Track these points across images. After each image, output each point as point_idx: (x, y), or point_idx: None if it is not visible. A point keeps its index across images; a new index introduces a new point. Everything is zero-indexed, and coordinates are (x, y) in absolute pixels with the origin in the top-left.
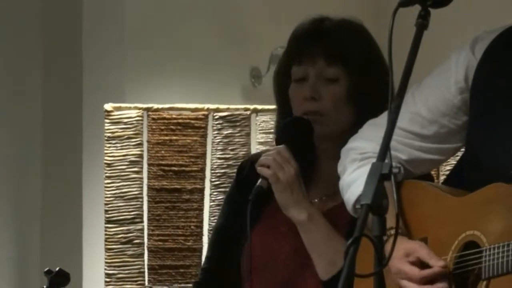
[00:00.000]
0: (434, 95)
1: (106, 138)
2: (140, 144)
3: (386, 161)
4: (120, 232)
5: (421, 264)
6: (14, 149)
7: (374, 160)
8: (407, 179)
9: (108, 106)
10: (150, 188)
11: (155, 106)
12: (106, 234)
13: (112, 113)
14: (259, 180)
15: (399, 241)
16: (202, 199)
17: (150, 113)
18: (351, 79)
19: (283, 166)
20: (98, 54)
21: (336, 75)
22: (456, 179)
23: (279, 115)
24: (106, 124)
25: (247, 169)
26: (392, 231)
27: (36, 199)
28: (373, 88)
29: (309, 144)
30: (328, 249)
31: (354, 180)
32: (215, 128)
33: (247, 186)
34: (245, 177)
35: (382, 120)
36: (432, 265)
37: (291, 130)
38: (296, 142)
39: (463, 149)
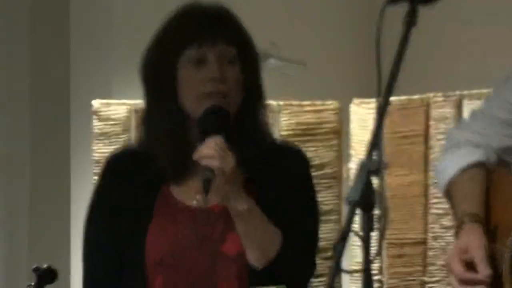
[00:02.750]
0: None
1: (94, 135)
2: (128, 141)
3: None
4: None
5: (472, 265)
6: (2, 147)
7: (467, 149)
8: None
9: (96, 103)
10: None
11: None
12: None
13: (100, 110)
14: (205, 172)
15: (471, 232)
16: None
17: (138, 110)
18: (244, 62)
19: (225, 158)
20: (86, 51)
21: (234, 54)
22: None
23: (157, 104)
24: (94, 121)
25: (116, 158)
26: (465, 218)
27: (24, 196)
28: (257, 73)
29: (227, 129)
30: (264, 238)
31: (446, 166)
32: None
33: (125, 179)
34: (124, 169)
35: (471, 122)
36: (479, 271)
37: (219, 119)
38: (225, 129)
39: None
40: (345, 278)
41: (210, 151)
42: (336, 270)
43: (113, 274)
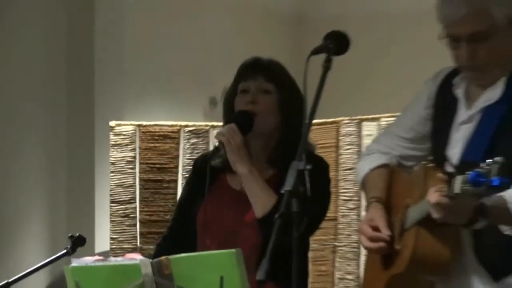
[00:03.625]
0: (412, 110)
1: (111, 145)
2: (134, 149)
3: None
4: (120, 209)
5: (376, 229)
6: (46, 153)
7: (376, 155)
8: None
9: (112, 123)
10: (141, 179)
11: (144, 123)
12: (110, 211)
13: (115, 128)
14: (217, 142)
15: (375, 208)
16: (176, 187)
17: (141, 128)
18: (281, 94)
19: (233, 136)
20: (106, 87)
21: (270, 88)
22: None
23: (225, 118)
24: (111, 135)
25: (201, 160)
26: (372, 200)
27: (63, 186)
28: (292, 104)
29: (249, 127)
30: (262, 195)
31: (362, 167)
32: (185, 138)
33: (200, 171)
34: (201, 164)
35: (388, 131)
36: (381, 231)
37: (238, 116)
38: (242, 123)
39: None
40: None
41: (222, 131)
42: (276, 237)
43: (182, 228)
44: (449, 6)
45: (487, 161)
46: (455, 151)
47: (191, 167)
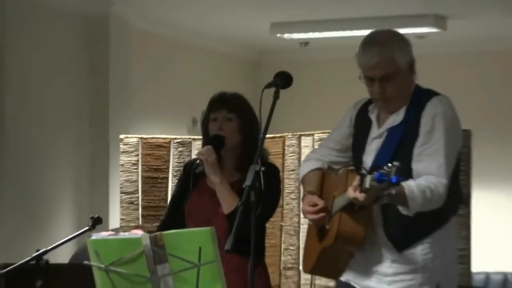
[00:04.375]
0: (339, 129)
1: (120, 152)
2: (137, 155)
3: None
4: (127, 198)
5: (314, 205)
6: (75, 157)
7: (312, 161)
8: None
9: (122, 136)
10: (142, 176)
11: (145, 136)
12: (120, 199)
13: (123, 139)
14: (197, 161)
15: (308, 196)
16: (167, 182)
17: (142, 139)
18: (241, 120)
19: (210, 154)
20: (118, 110)
21: (232, 117)
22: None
23: (203, 140)
24: (121, 145)
25: (189, 164)
26: (307, 192)
27: (87, 182)
28: (250, 126)
29: (221, 147)
30: (229, 197)
31: (302, 169)
32: (174, 147)
33: (189, 171)
34: (189, 168)
35: (322, 144)
36: (318, 204)
37: (213, 139)
38: (216, 144)
39: None
40: None
41: (202, 151)
42: (238, 220)
43: (174, 214)
44: (365, 56)
45: (388, 164)
46: (369, 158)
47: (179, 168)
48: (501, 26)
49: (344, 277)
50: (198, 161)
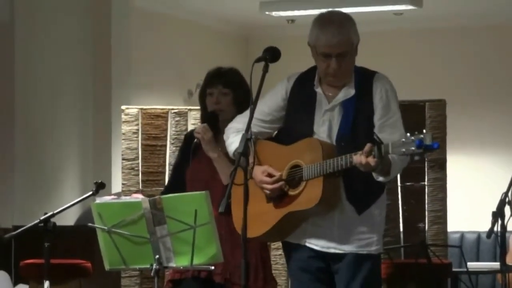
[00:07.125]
0: (270, 101)
1: (122, 121)
2: (137, 125)
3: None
4: (128, 164)
5: (270, 175)
6: (80, 127)
7: (241, 132)
8: (259, 140)
9: (123, 107)
10: (142, 144)
11: (144, 107)
12: (122, 165)
13: (125, 110)
14: (195, 139)
15: (259, 167)
16: (165, 150)
17: (142, 110)
18: (235, 94)
19: (206, 132)
20: (120, 83)
21: (227, 91)
22: (275, 141)
23: (201, 112)
24: (122, 115)
25: (189, 135)
26: (253, 165)
27: (91, 149)
28: (244, 100)
29: (216, 123)
30: (227, 170)
31: (232, 142)
32: (171, 117)
33: (189, 142)
34: (189, 138)
35: (244, 114)
36: (274, 175)
37: (208, 118)
38: (211, 122)
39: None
40: None
41: (198, 129)
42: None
43: (176, 181)
44: (326, 34)
45: (408, 135)
46: (323, 128)
47: (176, 137)
48: (473, 2)
49: (295, 239)
50: (195, 140)
